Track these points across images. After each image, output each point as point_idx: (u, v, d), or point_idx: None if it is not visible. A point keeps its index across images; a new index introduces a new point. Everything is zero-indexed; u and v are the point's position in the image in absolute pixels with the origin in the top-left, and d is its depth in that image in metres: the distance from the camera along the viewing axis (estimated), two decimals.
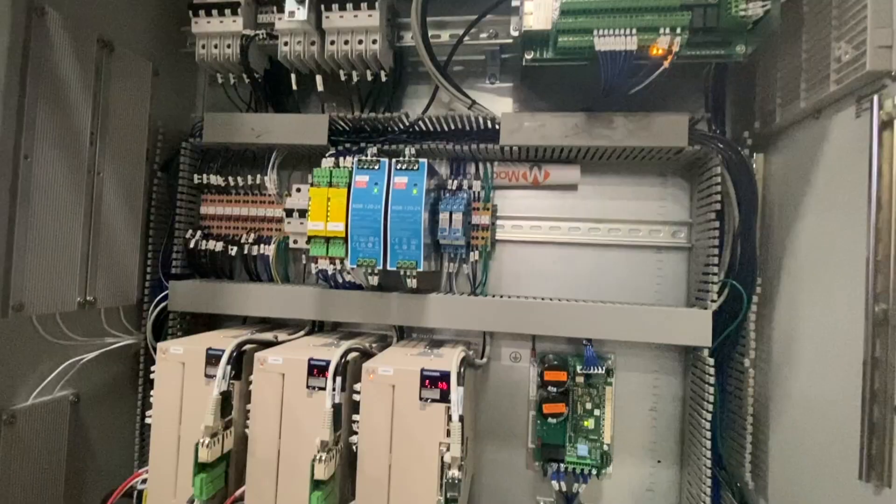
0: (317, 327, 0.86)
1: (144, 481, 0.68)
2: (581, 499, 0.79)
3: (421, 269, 0.69)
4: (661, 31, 0.59)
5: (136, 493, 0.70)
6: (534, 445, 0.80)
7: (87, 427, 0.78)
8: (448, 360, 0.64)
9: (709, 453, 0.68)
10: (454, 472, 0.54)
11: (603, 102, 0.72)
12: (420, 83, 0.87)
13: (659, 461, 0.80)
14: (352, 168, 0.71)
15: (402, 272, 0.71)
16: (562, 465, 0.78)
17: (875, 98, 0.50)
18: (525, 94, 0.84)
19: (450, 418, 0.59)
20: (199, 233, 0.86)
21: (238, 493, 0.65)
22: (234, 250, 0.85)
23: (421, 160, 0.69)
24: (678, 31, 0.58)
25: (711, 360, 0.68)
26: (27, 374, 0.69)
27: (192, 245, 0.86)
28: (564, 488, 0.78)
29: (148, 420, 0.69)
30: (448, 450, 0.57)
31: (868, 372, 0.50)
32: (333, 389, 0.60)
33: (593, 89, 0.68)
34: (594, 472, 0.77)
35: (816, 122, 0.62)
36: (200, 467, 0.59)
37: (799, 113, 0.64)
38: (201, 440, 0.59)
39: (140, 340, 0.85)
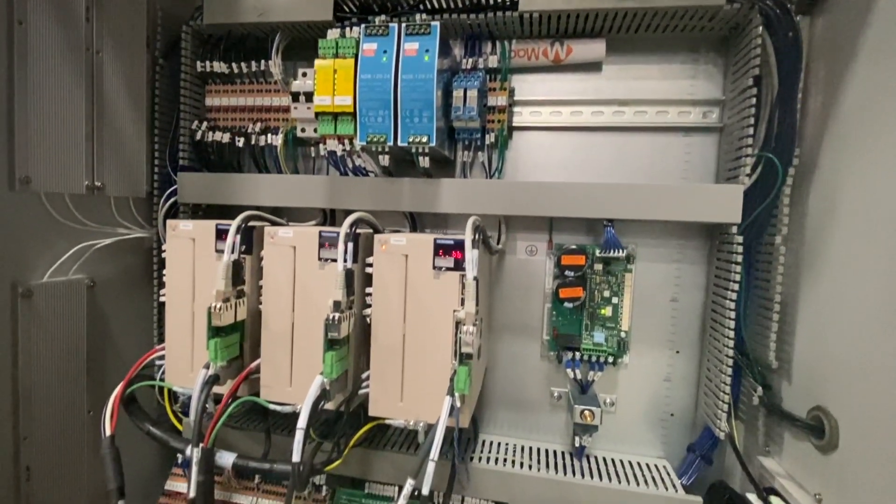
0: (327, 222, 0.85)
1: (161, 358, 0.69)
2: (596, 387, 0.78)
3: (433, 145, 0.65)
4: None
5: (159, 373, 0.71)
6: (549, 337, 0.79)
7: (105, 312, 0.79)
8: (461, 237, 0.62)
9: (731, 334, 0.66)
10: (468, 328, 0.53)
11: None
12: None
13: (678, 351, 0.78)
14: (359, 37, 0.67)
15: (413, 149, 0.67)
16: (577, 353, 0.77)
17: None
18: None
19: (464, 286, 0.57)
20: (205, 124, 0.84)
21: (253, 365, 0.66)
22: (241, 142, 0.83)
23: (433, 23, 0.64)
24: None
25: (740, 238, 0.65)
26: (40, 252, 0.69)
27: (198, 137, 0.83)
28: (579, 376, 0.77)
29: (163, 299, 0.69)
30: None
31: None
32: (345, 258, 0.59)
33: None
34: (610, 360, 0.76)
35: None
36: (214, 331, 0.59)
37: None
38: (214, 304, 0.58)
39: (152, 234, 0.85)
